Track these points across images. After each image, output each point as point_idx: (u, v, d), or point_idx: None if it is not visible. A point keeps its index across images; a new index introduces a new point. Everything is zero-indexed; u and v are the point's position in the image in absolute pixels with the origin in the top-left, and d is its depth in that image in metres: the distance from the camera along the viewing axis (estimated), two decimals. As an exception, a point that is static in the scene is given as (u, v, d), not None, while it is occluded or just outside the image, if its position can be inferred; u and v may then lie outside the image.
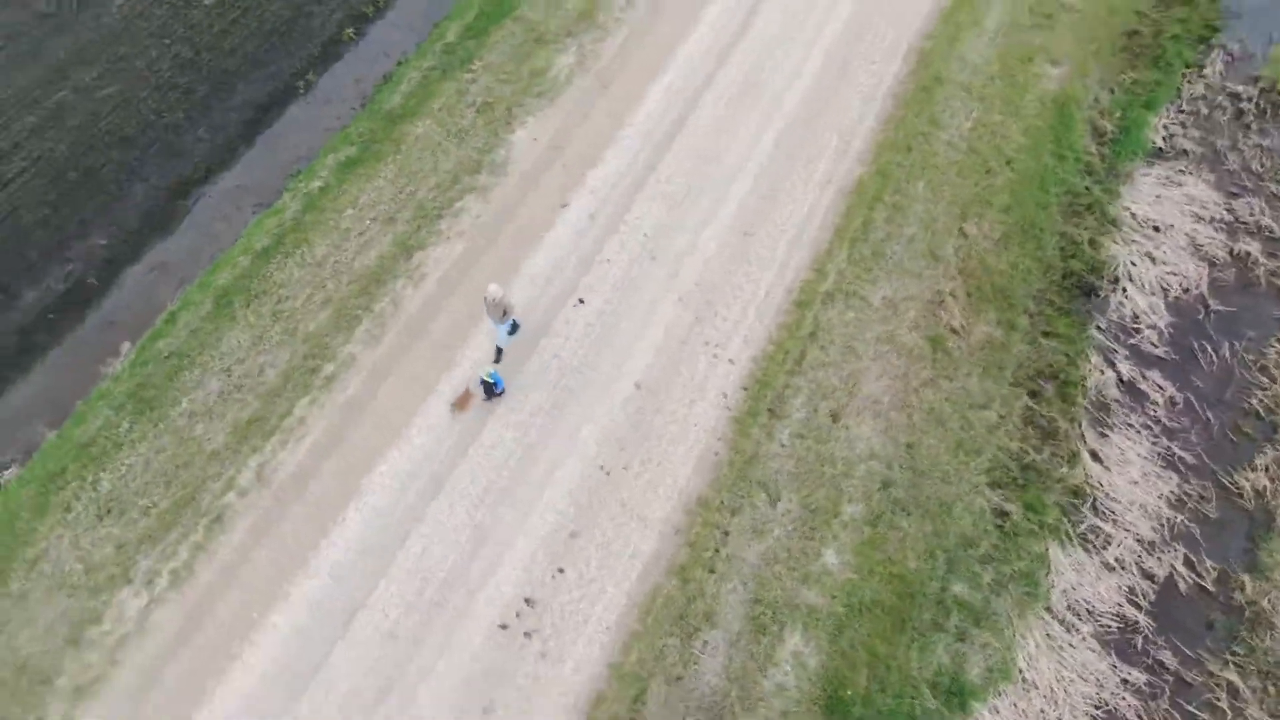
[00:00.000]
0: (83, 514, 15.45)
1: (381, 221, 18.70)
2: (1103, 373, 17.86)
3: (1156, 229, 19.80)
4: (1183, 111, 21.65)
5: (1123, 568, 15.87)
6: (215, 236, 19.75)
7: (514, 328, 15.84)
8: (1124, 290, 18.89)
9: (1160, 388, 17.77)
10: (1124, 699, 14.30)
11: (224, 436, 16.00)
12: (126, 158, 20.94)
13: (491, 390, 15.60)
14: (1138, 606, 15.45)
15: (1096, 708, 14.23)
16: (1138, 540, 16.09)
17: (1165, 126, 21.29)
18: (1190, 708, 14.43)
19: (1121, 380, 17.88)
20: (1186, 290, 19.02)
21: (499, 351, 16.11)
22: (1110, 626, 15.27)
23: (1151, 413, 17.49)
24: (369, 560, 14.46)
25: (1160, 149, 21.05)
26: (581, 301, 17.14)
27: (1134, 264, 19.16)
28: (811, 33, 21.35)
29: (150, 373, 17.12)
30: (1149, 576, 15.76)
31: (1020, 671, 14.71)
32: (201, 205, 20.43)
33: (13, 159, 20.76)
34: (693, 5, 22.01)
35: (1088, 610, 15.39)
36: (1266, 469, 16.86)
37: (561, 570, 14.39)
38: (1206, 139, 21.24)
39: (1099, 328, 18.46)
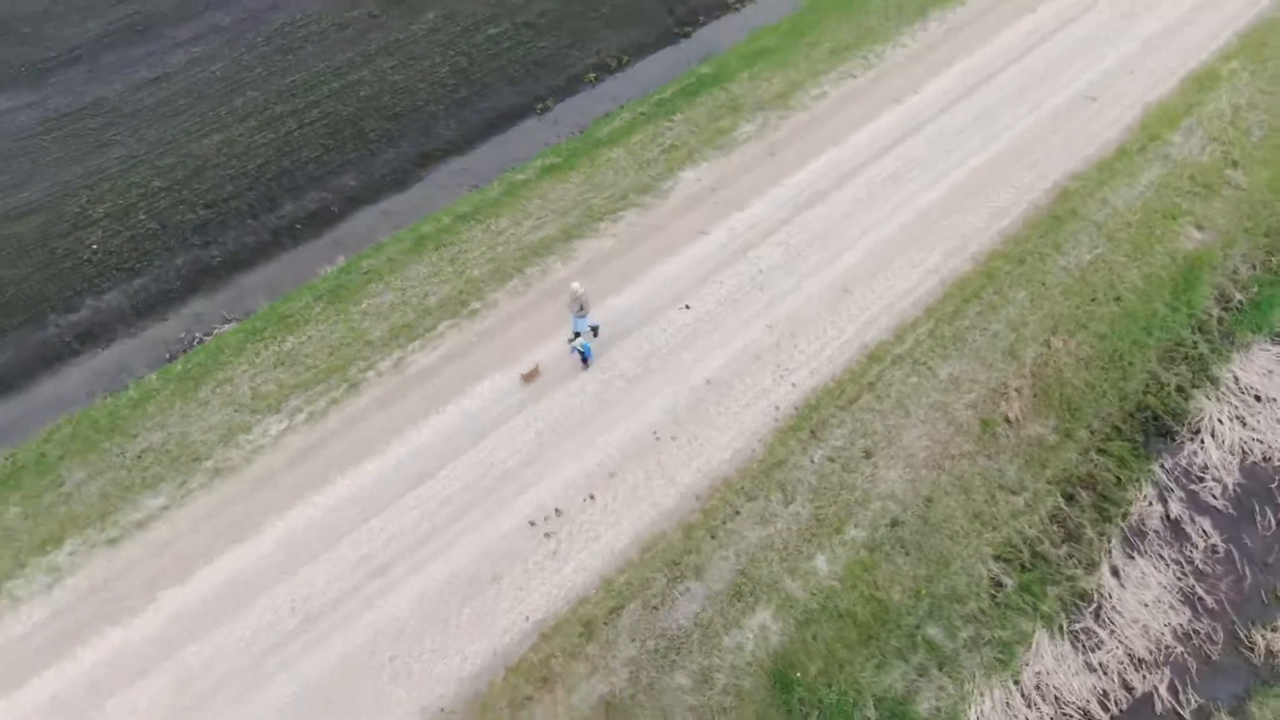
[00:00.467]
0: (265, 360, 19.94)
1: (557, 213, 22.70)
2: (1151, 504, 18.58)
3: (1258, 398, 20.29)
4: (1319, 301, 22.00)
5: (1105, 673, 16.53)
6: (432, 199, 24.48)
7: (583, 323, 18.85)
8: (1202, 441, 19.51)
9: (1206, 534, 18.27)
10: (1055, 775, 15.04)
11: (381, 332, 20.15)
12: (390, 129, 26.34)
13: (585, 358, 18.79)
14: (1106, 709, 16.08)
15: (1026, 774, 15.06)
16: (1129, 654, 16.71)
17: (1302, 314, 21.71)
18: (1116, 801, 14.92)
19: (1168, 517, 18.54)
20: (1267, 459, 19.39)
21: (594, 330, 19.36)
22: (1072, 717, 15.98)
23: (1188, 553, 18.03)
24: (450, 445, 17.88)
25: (1289, 332, 21.50)
26: (688, 307, 20.17)
27: (1221, 421, 19.75)
28: (969, 149, 23.74)
29: (349, 279, 21.70)
30: (1128, 688, 16.34)
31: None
32: (432, 175, 25.31)
33: (311, 111, 26.70)
34: (871, 108, 25.03)
35: (1055, 696, 16.17)
36: (1288, 632, 17.00)
37: (592, 497, 17.16)
38: None
39: (1163, 466, 19.20)
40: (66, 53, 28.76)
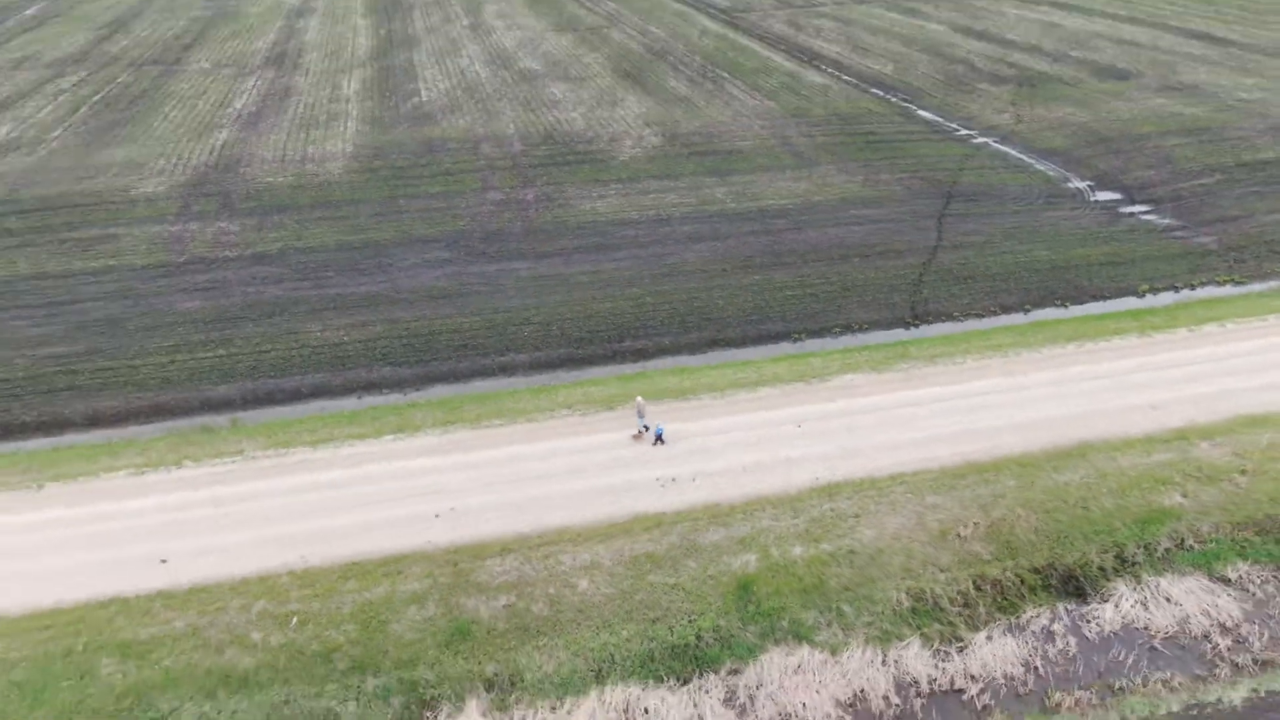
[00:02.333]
0: (575, 391, 37.23)
1: (758, 374, 38.09)
2: (1040, 618, 27.95)
3: (1169, 599, 28.60)
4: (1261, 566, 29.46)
5: (944, 672, 26.29)
6: (704, 360, 41.13)
7: (640, 421, 33.28)
8: (1106, 605, 28.38)
9: (1069, 645, 27.15)
10: (865, 674, 25.46)
11: (635, 394, 36.63)
12: (702, 323, 43.98)
13: (659, 438, 33.24)
14: (931, 683, 25.92)
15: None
16: (967, 668, 26.31)
17: (1244, 572, 29.38)
18: None
19: (1049, 629, 27.71)
20: (1146, 629, 27.65)
21: (646, 428, 33.70)
22: (905, 680, 26.05)
23: (1048, 648, 27.08)
24: (640, 439, 33.34)
25: (1226, 579, 29.35)
26: (799, 426, 34.11)
27: (1126, 600, 28.47)
28: (1035, 410, 35.02)
29: (637, 377, 38.73)
30: (953, 685, 25.98)
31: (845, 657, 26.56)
32: (711, 352, 42.05)
33: (662, 303, 45.39)
34: (987, 374, 37.45)
35: (905, 668, 26.36)
36: (1079, 700, 25.42)
37: (694, 479, 31.38)
38: (1272, 592, 28.84)
39: (1066, 608, 28.45)
40: (555, 251, 51.23)
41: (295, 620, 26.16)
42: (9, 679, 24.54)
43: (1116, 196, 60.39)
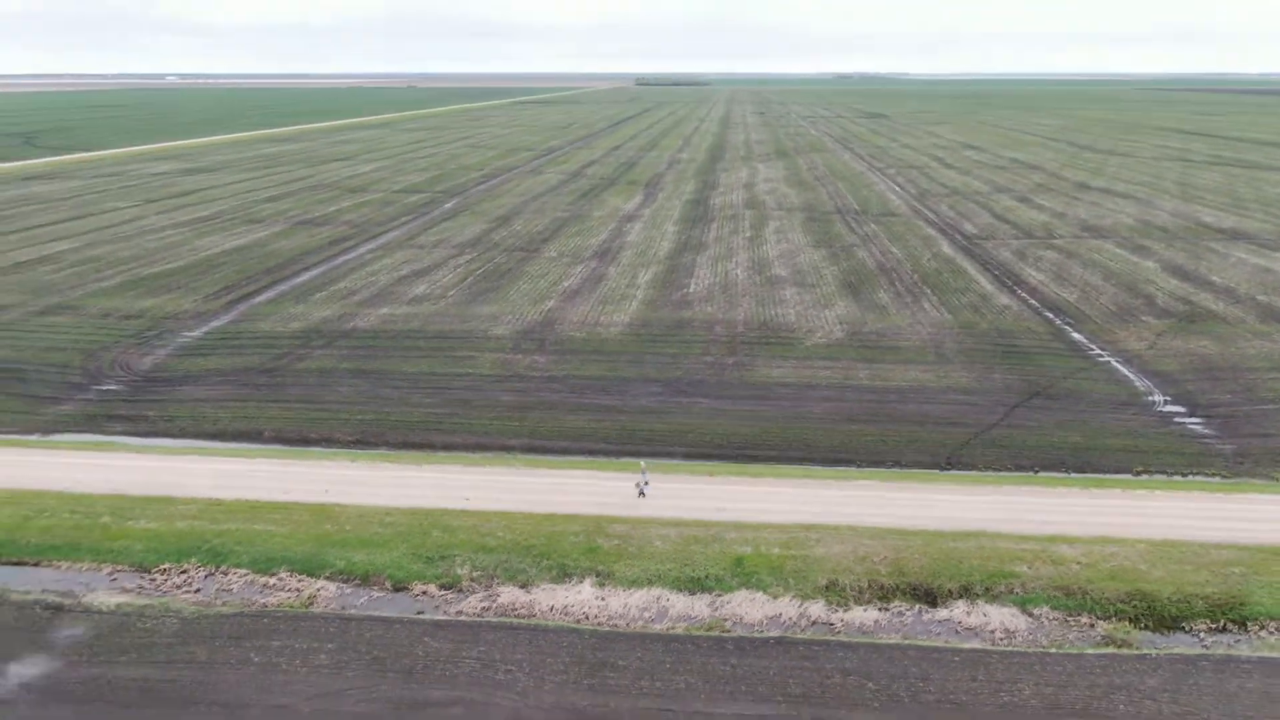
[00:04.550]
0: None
1: (802, 473, 62.50)
2: (897, 607, 49.76)
3: (984, 615, 49.16)
4: (1058, 610, 49.02)
5: (838, 620, 49.19)
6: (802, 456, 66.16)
7: (640, 477, 57.95)
8: (943, 609, 49.51)
9: (905, 619, 48.83)
10: (779, 602, 49.29)
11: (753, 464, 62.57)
12: (822, 449, 69.04)
13: (643, 492, 58.04)
14: (827, 621, 49.04)
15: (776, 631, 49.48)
16: (842, 618, 49.02)
17: (1044, 611, 49.16)
18: (788, 616, 48.43)
19: (901, 612, 49.45)
20: (960, 622, 48.50)
21: (644, 488, 58.34)
22: (802, 615, 49.34)
23: (895, 619, 48.95)
24: (712, 490, 59.19)
25: (1031, 613, 49.26)
26: (809, 498, 58.12)
27: (959, 609, 49.38)
28: (971, 511, 56.29)
29: (748, 465, 64.73)
30: (827, 621, 48.93)
31: (779, 599, 50.36)
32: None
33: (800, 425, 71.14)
34: (959, 499, 59.03)
35: (820, 613, 49.63)
36: (898, 635, 47.22)
37: (735, 511, 56.60)
38: (1056, 624, 48.45)
39: (920, 606, 49.94)
40: (729, 396, 78.55)
41: (521, 531, 54.80)
42: (396, 530, 55.12)
43: (1182, 409, 76.73)
